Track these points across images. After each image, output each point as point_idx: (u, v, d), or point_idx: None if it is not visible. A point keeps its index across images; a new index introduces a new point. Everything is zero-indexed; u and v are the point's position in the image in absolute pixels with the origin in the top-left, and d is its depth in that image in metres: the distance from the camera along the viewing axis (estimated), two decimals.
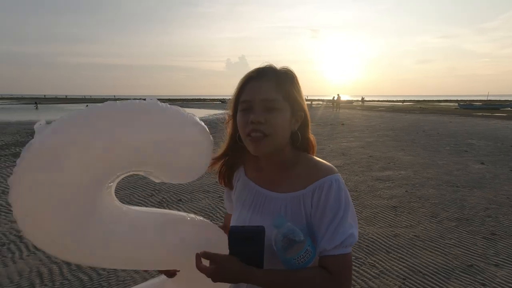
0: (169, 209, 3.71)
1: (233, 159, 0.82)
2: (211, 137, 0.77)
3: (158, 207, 3.77)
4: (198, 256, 0.68)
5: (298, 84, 0.75)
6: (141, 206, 3.83)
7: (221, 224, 0.97)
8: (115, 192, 0.76)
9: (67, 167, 0.59)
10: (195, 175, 0.78)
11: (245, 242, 0.65)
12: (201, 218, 0.86)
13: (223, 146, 0.82)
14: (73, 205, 0.61)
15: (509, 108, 30.02)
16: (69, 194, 0.60)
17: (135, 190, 4.43)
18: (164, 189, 4.48)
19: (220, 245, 0.74)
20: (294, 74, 0.75)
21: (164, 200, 4.05)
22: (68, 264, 2.52)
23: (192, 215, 0.84)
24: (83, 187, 0.62)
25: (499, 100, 49.83)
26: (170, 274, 0.82)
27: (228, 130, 0.80)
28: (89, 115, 0.61)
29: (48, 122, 0.61)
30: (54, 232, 0.61)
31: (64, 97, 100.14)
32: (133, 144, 0.64)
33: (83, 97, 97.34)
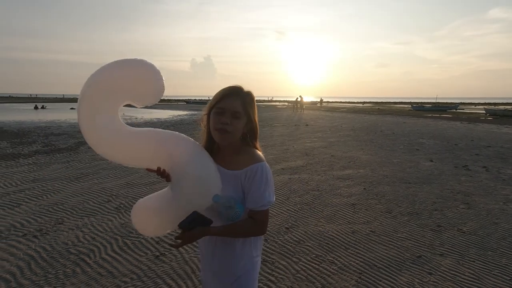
0: (128, 215, 3.53)
1: (210, 146, 1.16)
2: (155, 69, 1.04)
3: (115, 214, 3.57)
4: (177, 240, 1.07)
5: (254, 102, 1.13)
6: (96, 213, 3.62)
7: None
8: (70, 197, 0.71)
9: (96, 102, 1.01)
10: (154, 98, 1.06)
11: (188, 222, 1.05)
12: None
13: (204, 139, 1.16)
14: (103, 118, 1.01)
15: (454, 110, 33.06)
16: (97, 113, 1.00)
17: (89, 197, 4.15)
18: (122, 194, 4.26)
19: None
20: (253, 96, 1.13)
21: (121, 205, 3.84)
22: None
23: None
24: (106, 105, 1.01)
25: (446, 103, 54.69)
26: (165, 176, 1.08)
27: (204, 125, 1.15)
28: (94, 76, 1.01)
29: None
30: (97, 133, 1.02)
31: (8, 96, 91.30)
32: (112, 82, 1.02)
33: (29, 96, 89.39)
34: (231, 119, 1.05)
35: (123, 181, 4.91)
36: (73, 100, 59.66)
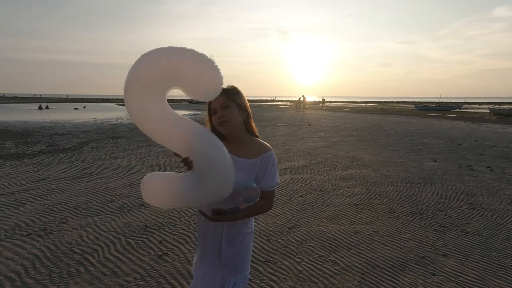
0: (131, 215, 3.56)
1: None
2: (218, 69, 1.10)
3: (118, 213, 3.59)
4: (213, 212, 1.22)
5: (240, 92, 1.30)
6: (99, 213, 3.63)
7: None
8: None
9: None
10: (211, 94, 1.13)
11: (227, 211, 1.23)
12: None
13: None
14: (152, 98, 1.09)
15: (458, 110, 32.83)
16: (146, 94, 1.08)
17: (93, 196, 4.18)
18: (125, 194, 4.28)
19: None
20: (236, 88, 1.31)
21: (125, 205, 3.86)
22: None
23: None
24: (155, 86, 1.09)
25: (450, 102, 54.32)
26: (187, 163, 1.15)
27: (209, 126, 1.33)
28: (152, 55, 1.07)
29: None
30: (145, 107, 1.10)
31: (13, 96, 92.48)
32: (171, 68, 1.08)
33: (33, 96, 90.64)
34: (223, 112, 1.25)
35: (126, 181, 4.94)
36: (77, 100, 59.99)
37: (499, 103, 56.57)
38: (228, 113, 1.24)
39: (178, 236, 3.06)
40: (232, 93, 1.28)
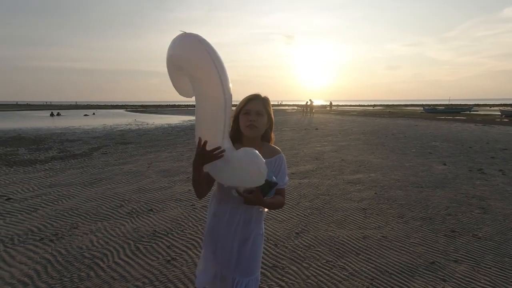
0: (140, 220, 3.60)
1: (234, 138, 1.41)
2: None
3: (127, 218, 3.64)
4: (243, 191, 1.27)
5: (270, 103, 1.44)
6: (109, 218, 3.68)
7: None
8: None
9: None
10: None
11: (265, 187, 1.26)
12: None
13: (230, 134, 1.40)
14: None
15: (468, 112, 32.27)
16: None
17: (103, 202, 4.24)
18: (134, 199, 4.33)
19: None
20: (269, 99, 1.44)
21: (134, 210, 3.91)
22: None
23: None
24: None
25: (460, 104, 53.50)
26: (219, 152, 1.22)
27: (232, 122, 1.39)
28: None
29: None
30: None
31: (26, 104, 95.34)
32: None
33: (45, 103, 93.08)
34: (256, 117, 1.35)
35: (135, 186, 5.00)
36: (86, 107, 61.13)
37: (511, 105, 55.40)
38: (260, 120, 1.36)
39: (186, 241, 3.08)
40: (267, 103, 1.42)
